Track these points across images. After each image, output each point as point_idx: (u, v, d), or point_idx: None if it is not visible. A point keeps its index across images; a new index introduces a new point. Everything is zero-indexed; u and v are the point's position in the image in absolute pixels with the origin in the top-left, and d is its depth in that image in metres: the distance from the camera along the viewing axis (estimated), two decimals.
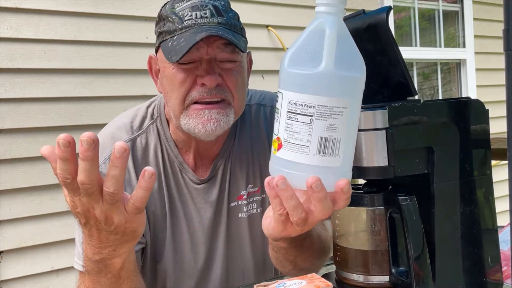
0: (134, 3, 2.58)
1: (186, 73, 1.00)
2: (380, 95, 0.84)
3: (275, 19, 3.12)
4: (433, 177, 0.77)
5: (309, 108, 0.66)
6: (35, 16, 2.36)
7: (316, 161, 0.67)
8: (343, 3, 0.69)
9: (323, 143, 0.67)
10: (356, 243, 0.82)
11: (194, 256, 1.14)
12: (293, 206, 0.71)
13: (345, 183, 0.69)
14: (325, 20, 0.68)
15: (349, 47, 0.68)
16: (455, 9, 4.39)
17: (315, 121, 0.66)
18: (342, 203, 0.72)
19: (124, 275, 0.85)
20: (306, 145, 0.67)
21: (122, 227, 0.72)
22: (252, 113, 1.20)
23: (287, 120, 0.68)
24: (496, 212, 0.84)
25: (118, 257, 0.80)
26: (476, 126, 0.81)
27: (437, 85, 4.39)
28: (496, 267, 0.83)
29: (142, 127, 1.13)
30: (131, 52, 2.58)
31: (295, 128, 0.67)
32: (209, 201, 1.14)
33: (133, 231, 0.74)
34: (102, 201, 0.69)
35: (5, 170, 2.29)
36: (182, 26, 0.99)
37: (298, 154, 0.68)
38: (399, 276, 0.78)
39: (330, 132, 0.67)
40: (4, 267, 2.29)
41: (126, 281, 0.86)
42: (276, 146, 0.70)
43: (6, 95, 2.30)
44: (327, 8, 0.68)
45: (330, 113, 0.66)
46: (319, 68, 0.65)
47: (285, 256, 0.97)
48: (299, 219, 0.72)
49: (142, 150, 1.11)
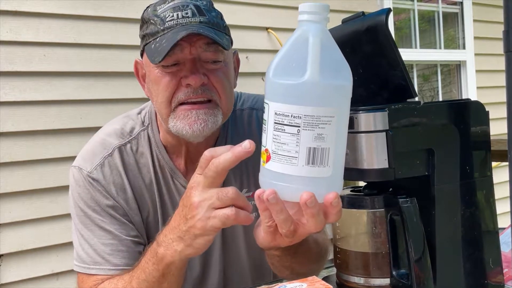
0: (134, 6, 2.59)
1: (171, 76, 0.99)
2: (380, 97, 0.84)
3: (274, 21, 3.12)
4: (434, 179, 0.77)
5: (296, 118, 0.65)
6: (35, 19, 2.36)
7: (305, 172, 0.67)
8: (326, 11, 0.68)
9: (311, 154, 0.66)
10: (356, 245, 0.82)
11: (189, 264, 1.13)
12: (283, 220, 0.72)
13: (333, 196, 0.68)
14: (308, 29, 0.67)
15: (334, 55, 0.68)
16: (454, 10, 4.40)
17: (302, 132, 0.65)
18: (334, 217, 0.72)
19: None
20: (295, 156, 0.66)
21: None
22: (244, 117, 1.19)
23: (275, 132, 0.67)
24: (497, 214, 0.84)
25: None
26: (477, 128, 0.81)
27: (437, 87, 4.39)
28: (497, 269, 0.83)
29: (133, 133, 1.12)
30: (131, 55, 2.56)
31: (282, 139, 0.67)
32: None
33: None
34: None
35: (5, 173, 2.29)
36: (164, 27, 0.98)
37: (287, 166, 0.67)
38: (399, 279, 0.78)
39: (318, 142, 0.66)
40: (4, 270, 2.29)
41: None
42: (264, 158, 0.70)
43: (6, 98, 2.30)
44: (310, 16, 0.67)
45: (317, 123, 0.65)
46: (304, 77, 0.65)
47: (280, 262, 0.97)
48: (288, 231, 0.73)
49: (133, 156, 1.10)
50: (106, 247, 1.03)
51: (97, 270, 1.02)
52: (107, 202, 1.05)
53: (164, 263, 0.87)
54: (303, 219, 0.72)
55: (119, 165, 1.08)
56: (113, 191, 1.05)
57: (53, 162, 2.39)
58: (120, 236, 1.04)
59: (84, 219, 1.05)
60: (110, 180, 1.06)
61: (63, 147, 2.40)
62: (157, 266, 0.88)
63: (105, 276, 1.02)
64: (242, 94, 1.24)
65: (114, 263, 1.02)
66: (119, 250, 1.03)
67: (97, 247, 1.03)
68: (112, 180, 1.06)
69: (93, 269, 1.03)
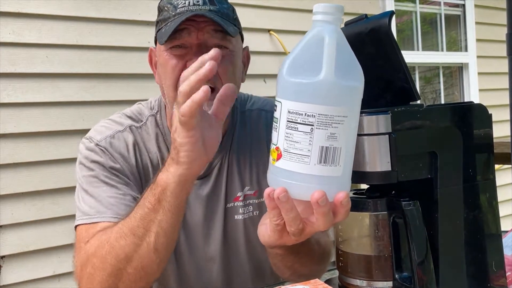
0: (136, 8, 2.59)
1: (177, 58, 1.03)
2: (382, 100, 0.84)
3: (276, 23, 3.12)
4: (437, 182, 0.77)
5: (310, 117, 0.65)
6: (38, 21, 2.37)
7: (317, 170, 0.67)
8: (341, 12, 0.68)
9: (324, 153, 0.66)
10: (359, 248, 0.82)
11: (193, 257, 1.14)
12: (292, 218, 0.72)
13: (344, 195, 0.69)
14: (324, 29, 0.67)
15: (348, 56, 0.68)
16: (457, 13, 4.39)
17: (316, 130, 0.66)
18: (342, 216, 0.72)
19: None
20: (307, 154, 0.66)
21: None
22: (253, 117, 1.22)
23: (287, 130, 0.67)
24: (499, 217, 0.84)
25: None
26: (480, 131, 0.81)
27: (439, 89, 4.38)
28: (500, 272, 0.82)
29: (143, 118, 1.17)
30: (133, 57, 2.59)
31: (295, 138, 0.67)
32: (199, 197, 1.14)
33: None
34: None
35: (7, 175, 2.29)
36: (175, 13, 1.02)
37: (298, 164, 0.67)
38: (402, 282, 0.78)
39: (331, 141, 0.66)
40: (6, 271, 2.29)
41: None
42: (275, 156, 0.69)
43: (9, 99, 2.30)
44: (325, 17, 0.68)
45: (330, 122, 0.66)
46: (319, 76, 0.65)
47: (283, 262, 0.97)
48: (296, 230, 0.73)
49: (143, 138, 1.14)
50: (111, 199, 1.04)
51: (99, 218, 1.02)
52: (114, 165, 1.08)
53: (160, 186, 0.89)
54: (311, 218, 0.72)
55: (130, 141, 1.12)
56: (119, 159, 1.09)
57: (55, 163, 2.39)
58: (124, 191, 1.06)
59: (90, 179, 1.07)
60: (117, 149, 1.10)
61: (65, 149, 2.40)
62: (154, 191, 0.90)
63: (107, 223, 1.00)
64: (252, 97, 1.27)
65: (117, 212, 1.02)
66: (123, 204, 1.04)
67: (102, 199, 1.04)
68: (119, 150, 1.10)
69: (95, 218, 1.02)
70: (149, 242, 0.90)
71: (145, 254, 0.90)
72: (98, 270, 0.93)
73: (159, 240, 0.90)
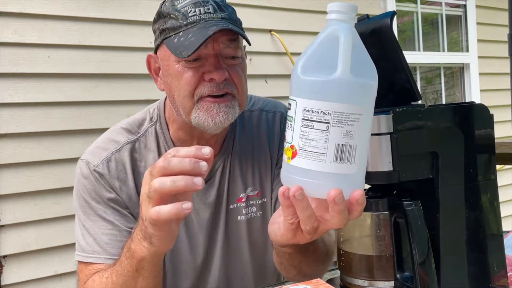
0: (138, 8, 2.59)
1: (193, 70, 1.03)
2: (384, 100, 0.84)
3: (278, 24, 3.12)
4: (438, 182, 0.77)
5: (326, 115, 0.65)
6: (40, 21, 2.37)
7: (333, 168, 0.67)
8: (354, 11, 0.69)
9: (340, 150, 0.66)
10: (360, 248, 0.82)
11: (193, 257, 1.14)
12: (307, 216, 0.71)
13: (360, 194, 0.68)
14: (338, 28, 0.67)
15: (362, 54, 0.68)
16: (458, 13, 4.39)
17: (331, 128, 0.66)
18: (356, 214, 0.72)
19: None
20: (323, 152, 0.66)
21: None
22: (254, 118, 1.22)
23: (302, 128, 0.67)
24: (501, 217, 0.84)
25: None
26: (481, 131, 0.81)
27: (440, 90, 4.38)
28: (502, 272, 0.83)
29: (141, 129, 1.15)
30: (135, 57, 2.59)
31: (311, 136, 0.66)
32: (207, 202, 1.14)
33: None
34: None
35: (9, 175, 2.30)
36: (187, 22, 1.01)
37: (314, 162, 0.67)
38: (404, 282, 0.78)
39: (346, 139, 0.66)
40: (8, 271, 2.29)
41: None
42: (289, 155, 0.69)
43: (11, 99, 2.30)
44: (340, 16, 0.68)
45: (346, 120, 0.66)
46: (335, 74, 0.65)
47: (290, 261, 0.97)
48: (311, 228, 0.73)
49: (142, 152, 1.13)
50: (106, 237, 1.05)
51: (94, 259, 1.05)
52: (110, 196, 1.08)
53: (136, 259, 0.88)
54: (326, 215, 0.72)
55: (126, 160, 1.11)
56: (116, 186, 1.09)
57: (57, 163, 2.39)
58: (120, 226, 1.06)
59: (87, 210, 1.08)
60: (114, 175, 1.09)
61: (67, 149, 2.40)
62: (130, 261, 0.90)
63: (101, 265, 1.04)
64: (252, 97, 1.27)
65: (110, 253, 1.04)
66: (118, 240, 1.05)
67: (97, 237, 1.06)
68: (116, 175, 1.09)
69: (91, 258, 1.05)
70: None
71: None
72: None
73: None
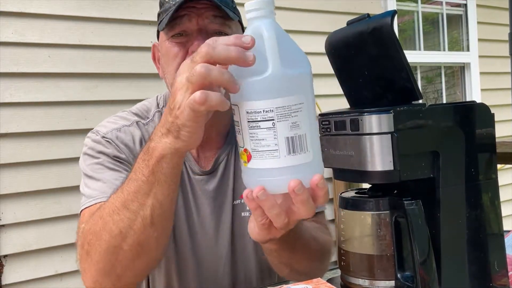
0: (138, 8, 2.59)
1: (179, 46, 1.04)
2: (385, 99, 0.84)
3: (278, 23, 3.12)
4: (439, 182, 0.77)
5: (269, 112, 0.66)
6: (40, 21, 2.37)
7: (289, 161, 0.68)
8: (272, 4, 0.70)
9: (291, 143, 0.67)
10: (361, 247, 0.82)
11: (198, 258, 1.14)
12: (275, 215, 0.73)
13: (319, 178, 0.69)
14: (260, 24, 0.69)
15: (289, 45, 0.69)
16: (459, 12, 4.39)
17: (277, 124, 0.67)
18: (322, 199, 0.73)
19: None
20: (275, 149, 0.67)
21: None
22: None
23: (250, 130, 0.68)
24: (502, 217, 0.84)
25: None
26: (482, 130, 0.81)
27: (441, 89, 4.38)
28: (502, 271, 0.82)
29: (149, 115, 1.17)
30: (135, 56, 2.59)
31: (260, 136, 0.67)
32: (206, 193, 1.14)
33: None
34: None
35: (9, 174, 2.30)
36: (175, 2, 1.03)
37: (269, 160, 0.68)
38: (404, 281, 0.78)
39: (295, 131, 0.67)
40: (8, 271, 2.29)
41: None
42: (245, 158, 0.70)
43: (11, 99, 2.31)
44: (259, 13, 0.69)
45: (290, 113, 0.67)
46: (268, 72, 0.66)
47: (279, 259, 0.97)
48: (282, 224, 0.74)
49: (149, 135, 1.13)
50: (116, 181, 1.01)
51: (104, 198, 0.97)
52: (119, 155, 1.08)
53: (155, 157, 0.80)
54: (293, 207, 0.73)
55: (136, 134, 1.12)
56: (124, 150, 1.09)
57: (58, 163, 2.40)
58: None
59: (95, 166, 1.06)
60: (123, 141, 1.10)
61: (67, 148, 2.41)
62: (147, 162, 0.82)
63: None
64: None
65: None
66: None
67: (106, 181, 1.02)
68: (125, 142, 1.10)
69: (99, 198, 0.99)
70: (144, 216, 0.84)
71: (141, 229, 0.84)
72: (94, 246, 0.88)
73: (155, 213, 0.84)
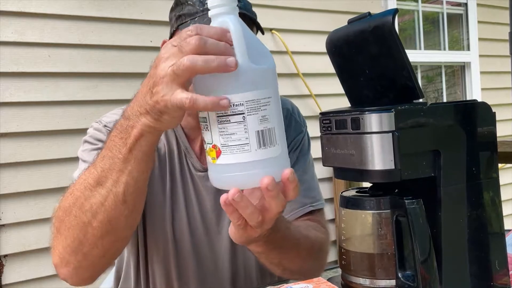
0: (139, 7, 2.59)
1: None
2: (386, 98, 0.84)
3: (279, 23, 3.12)
4: (440, 181, 0.77)
5: (239, 106, 0.67)
6: (40, 20, 2.37)
7: (259, 155, 0.68)
8: (235, 1, 0.70)
9: (261, 136, 0.68)
10: (362, 246, 0.82)
11: (199, 257, 1.14)
12: (250, 213, 0.73)
13: (289, 171, 0.70)
14: (224, 20, 0.69)
15: (254, 41, 0.71)
16: (459, 12, 4.39)
17: (248, 117, 0.68)
18: (292, 193, 0.73)
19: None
20: (246, 142, 0.68)
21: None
22: None
23: (219, 125, 0.69)
24: (503, 216, 0.84)
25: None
26: (483, 129, 0.81)
27: (441, 88, 4.38)
28: (503, 271, 0.82)
29: None
30: (135, 56, 2.59)
31: (230, 130, 0.68)
32: (208, 189, 1.14)
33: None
34: None
35: (9, 174, 2.30)
36: (203, 8, 1.04)
37: (240, 154, 0.68)
38: (405, 280, 0.77)
39: (264, 124, 0.68)
40: (8, 270, 2.29)
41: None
42: (214, 155, 0.70)
43: (11, 98, 2.30)
44: (222, 9, 0.70)
45: (259, 106, 0.68)
46: (237, 66, 0.67)
47: (269, 260, 0.98)
48: (256, 223, 0.75)
49: None
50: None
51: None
52: None
53: (133, 135, 0.79)
54: (266, 204, 0.74)
55: None
56: None
57: (58, 162, 2.40)
58: None
59: (92, 152, 1.05)
60: None
61: (67, 148, 2.40)
62: (125, 140, 0.81)
63: None
64: None
65: None
66: None
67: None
68: None
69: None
70: (116, 193, 0.82)
71: (112, 206, 0.83)
72: (63, 223, 0.87)
73: (128, 190, 0.83)
